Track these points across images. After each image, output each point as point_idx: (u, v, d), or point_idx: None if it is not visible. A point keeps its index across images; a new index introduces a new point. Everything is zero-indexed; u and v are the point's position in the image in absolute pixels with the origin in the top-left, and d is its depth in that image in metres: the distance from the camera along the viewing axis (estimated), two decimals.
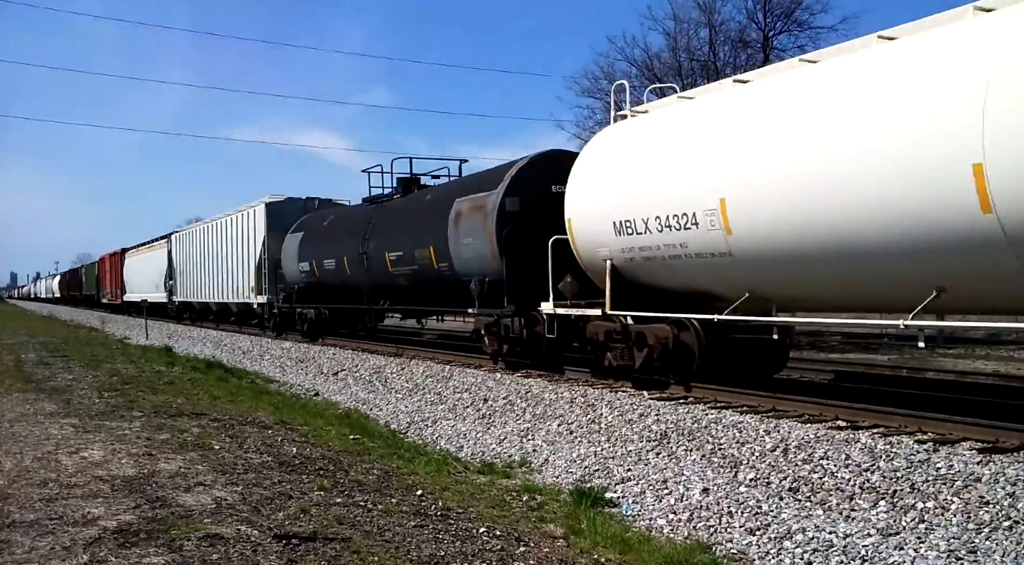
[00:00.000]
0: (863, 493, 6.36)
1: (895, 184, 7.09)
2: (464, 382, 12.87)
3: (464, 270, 14.05)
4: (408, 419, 11.66)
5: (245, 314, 28.22)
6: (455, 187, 15.90)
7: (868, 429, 7.80)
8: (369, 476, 7.17)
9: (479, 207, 13.50)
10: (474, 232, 13.56)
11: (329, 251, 19.98)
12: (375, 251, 17.35)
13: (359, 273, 18.34)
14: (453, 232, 14.14)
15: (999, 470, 6.18)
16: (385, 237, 17.09)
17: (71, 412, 9.83)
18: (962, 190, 6.55)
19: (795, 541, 5.82)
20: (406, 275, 16.25)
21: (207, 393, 12.47)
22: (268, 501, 5.95)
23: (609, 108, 12.89)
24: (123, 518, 5.33)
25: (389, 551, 5.01)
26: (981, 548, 5.31)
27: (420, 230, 15.52)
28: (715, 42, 27.58)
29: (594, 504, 6.84)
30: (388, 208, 18.06)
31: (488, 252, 13.19)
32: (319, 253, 20.64)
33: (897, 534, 5.70)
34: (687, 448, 8.11)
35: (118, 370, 15.36)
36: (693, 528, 6.39)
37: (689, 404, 9.67)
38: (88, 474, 6.55)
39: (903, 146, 7.05)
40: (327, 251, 20.12)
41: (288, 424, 9.77)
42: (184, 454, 7.43)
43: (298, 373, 17.57)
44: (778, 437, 7.68)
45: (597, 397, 10.30)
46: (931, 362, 15.69)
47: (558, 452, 8.90)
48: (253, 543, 4.93)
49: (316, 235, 21.38)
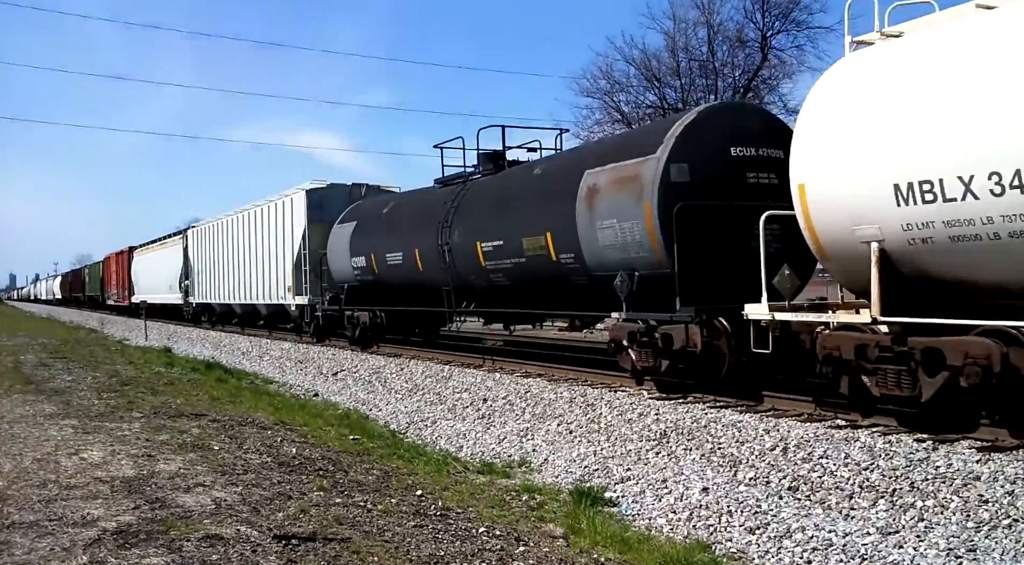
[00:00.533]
0: (862, 492, 6.37)
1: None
2: (463, 382, 12.88)
3: (601, 262, 10.84)
4: (407, 419, 11.67)
5: (277, 317, 25.22)
6: (581, 156, 12.54)
7: (867, 428, 7.80)
8: (369, 476, 7.18)
9: (628, 178, 10.28)
10: (620, 211, 10.33)
11: (393, 243, 16.73)
12: (461, 242, 14.11)
13: (436, 269, 15.03)
14: (585, 214, 10.93)
15: (998, 468, 6.19)
16: (475, 224, 13.82)
17: (70, 413, 9.83)
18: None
19: (794, 540, 5.82)
20: (506, 270, 13.04)
21: (206, 394, 12.47)
22: (267, 501, 5.95)
23: (608, 108, 12.62)
24: (123, 519, 5.33)
25: (389, 551, 5.01)
26: (980, 546, 5.31)
27: (529, 213, 12.37)
28: (713, 42, 27.60)
29: (594, 503, 6.84)
30: (477, 189, 14.66)
31: (643, 237, 10.02)
32: (379, 246, 17.28)
33: (896, 533, 5.70)
34: (687, 447, 8.11)
35: (117, 371, 15.35)
36: (693, 527, 6.40)
37: (688, 404, 9.68)
38: (87, 475, 6.55)
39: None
40: (390, 243, 16.82)
41: (287, 425, 9.77)
42: (183, 455, 7.43)
43: (297, 374, 17.57)
44: (777, 436, 7.69)
45: (596, 397, 10.31)
46: None
47: (558, 452, 8.91)
48: (253, 543, 4.93)
49: (374, 225, 18.00)
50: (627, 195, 10.30)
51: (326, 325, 20.83)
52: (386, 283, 17.49)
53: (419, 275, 15.84)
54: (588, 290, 11.48)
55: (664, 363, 10.17)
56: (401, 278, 16.72)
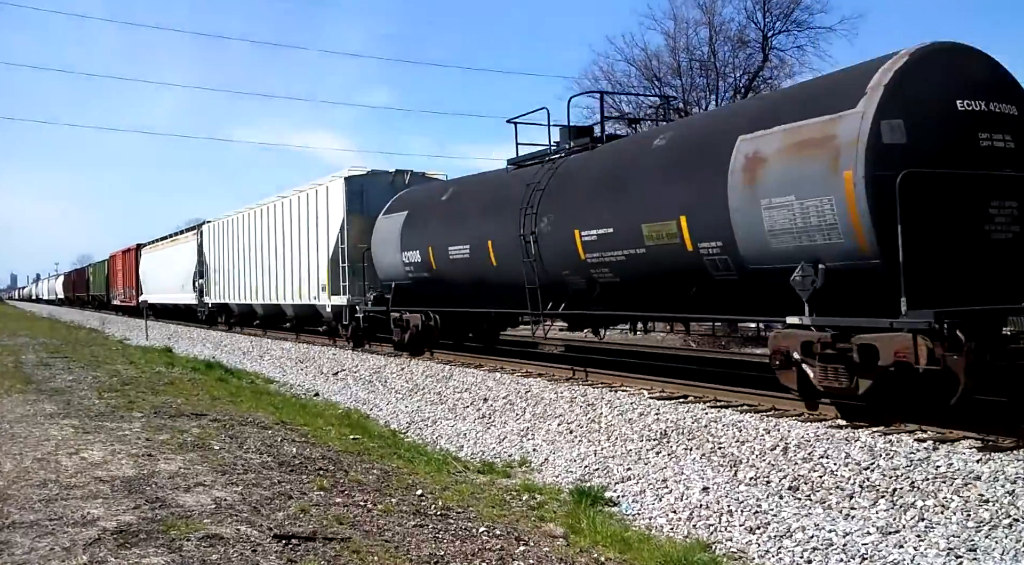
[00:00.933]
0: (863, 491, 6.36)
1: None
2: (464, 382, 12.88)
3: (764, 252, 8.51)
4: (408, 419, 11.67)
5: (306, 319, 22.93)
6: (727, 119, 9.94)
7: (868, 427, 7.80)
8: (369, 476, 7.17)
9: (814, 142, 8.00)
10: (800, 185, 8.07)
11: (458, 235, 14.33)
12: (552, 231, 11.81)
13: (516, 263, 12.57)
14: (741, 190, 8.58)
15: (998, 468, 6.18)
16: (571, 210, 11.47)
17: (71, 413, 9.83)
18: None
19: (795, 540, 5.82)
20: (615, 264, 10.66)
21: (207, 393, 12.47)
22: (268, 501, 5.95)
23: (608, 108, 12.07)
24: (123, 519, 5.33)
25: (389, 551, 5.01)
26: (981, 546, 5.31)
27: (652, 194, 10.02)
28: (714, 42, 27.55)
29: (594, 503, 6.84)
30: (571, 168, 12.22)
31: (839, 217, 7.68)
32: (438, 239, 14.90)
33: (897, 532, 5.70)
34: (687, 447, 8.11)
35: (118, 371, 15.36)
36: (693, 527, 6.40)
37: (689, 403, 9.67)
38: (88, 475, 6.55)
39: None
40: (453, 235, 14.45)
41: (288, 424, 9.77)
42: (184, 454, 7.43)
43: (298, 373, 17.57)
44: (778, 436, 7.68)
45: (597, 396, 10.30)
46: None
47: (558, 451, 8.91)
48: (253, 543, 4.93)
49: (431, 215, 15.62)
50: (812, 164, 7.99)
51: (368, 328, 18.64)
52: (446, 281, 15.03)
53: (492, 271, 13.49)
54: (735, 288, 9.15)
55: (863, 383, 7.76)
56: (467, 275, 14.27)
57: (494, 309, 14.60)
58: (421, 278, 15.79)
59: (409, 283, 16.30)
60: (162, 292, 37.73)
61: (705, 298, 9.79)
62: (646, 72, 28.31)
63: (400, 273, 16.41)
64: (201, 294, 32.08)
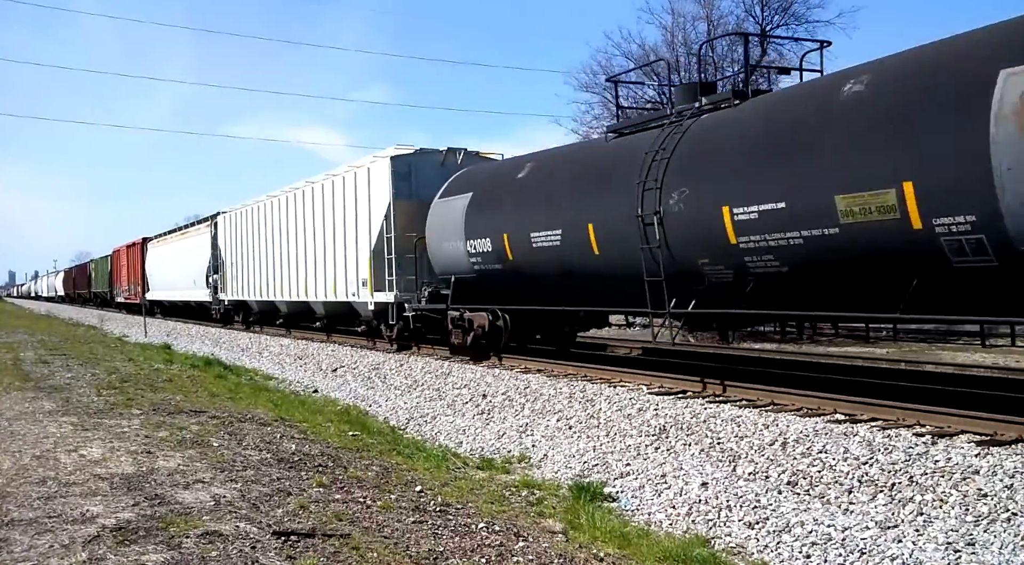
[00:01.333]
0: (862, 486, 6.37)
1: None
2: (463, 378, 12.88)
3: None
4: (407, 415, 11.67)
5: (340, 318, 20.61)
6: (972, 47, 7.31)
7: (866, 422, 7.81)
8: (368, 472, 7.18)
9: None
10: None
11: (544, 218, 11.97)
12: (686, 209, 9.46)
13: (626, 251, 10.28)
14: (1019, 142, 6.44)
15: (997, 462, 6.19)
16: (716, 182, 9.20)
17: (70, 410, 9.83)
18: None
19: (794, 534, 5.83)
20: (784, 250, 8.43)
21: (206, 390, 12.47)
22: (267, 498, 5.95)
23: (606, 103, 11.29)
24: (122, 516, 5.33)
25: (388, 547, 5.01)
26: (979, 540, 5.32)
27: (852, 155, 7.71)
28: (713, 36, 27.54)
29: (593, 499, 6.85)
30: (710, 129, 9.78)
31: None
32: (517, 223, 12.62)
33: (896, 527, 5.71)
34: (686, 442, 8.12)
35: (117, 368, 15.35)
36: (692, 522, 6.41)
37: (688, 399, 9.68)
38: (87, 472, 6.55)
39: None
40: (538, 218, 12.11)
41: (287, 421, 9.77)
42: (183, 451, 7.43)
43: (297, 370, 17.57)
44: (777, 431, 7.69)
45: (596, 392, 10.31)
46: (929, 354, 15.71)
47: (557, 447, 8.91)
48: (252, 540, 4.93)
49: (504, 195, 13.38)
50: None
51: (415, 328, 16.44)
52: (525, 273, 12.72)
53: (591, 261, 11.10)
54: (991, 277, 6.93)
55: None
56: (555, 266, 11.89)
57: (590, 307, 12.29)
58: (491, 271, 13.53)
59: (473, 277, 14.07)
60: (171, 289, 35.65)
61: (930, 293, 7.53)
62: (644, 67, 28.30)
63: (463, 265, 14.09)
64: (216, 290, 29.80)
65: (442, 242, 14.63)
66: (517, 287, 13.24)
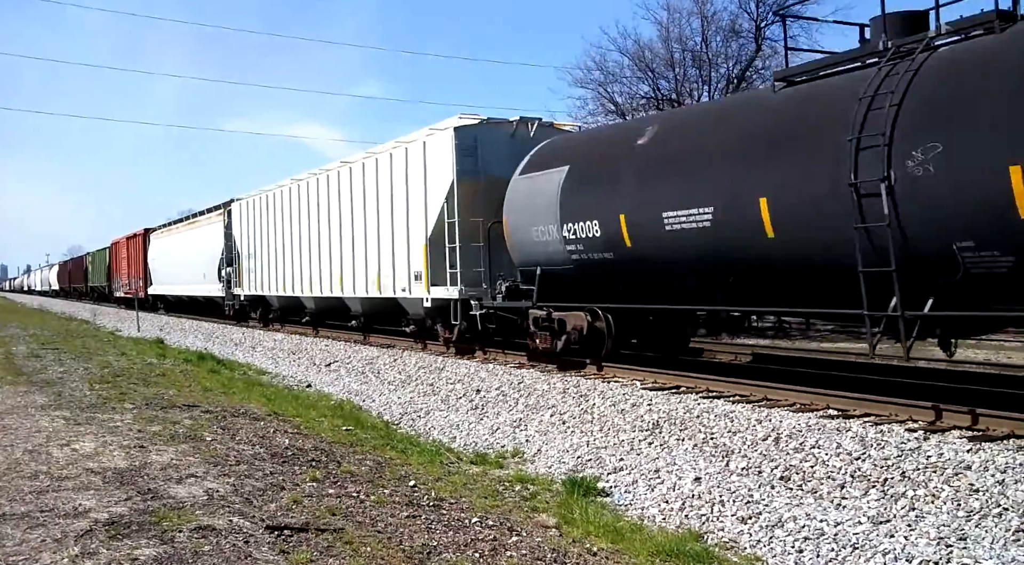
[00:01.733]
0: (854, 481, 6.39)
1: None
2: (457, 373, 12.87)
3: None
4: (401, 410, 11.67)
5: (381, 316, 18.10)
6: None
7: (859, 418, 7.83)
8: (362, 467, 7.17)
9: None
10: None
11: (684, 193, 9.57)
12: (936, 172, 6.99)
13: (820, 231, 8.04)
14: None
15: (989, 458, 6.21)
16: (990, 132, 6.71)
17: (62, 404, 9.80)
18: None
19: (786, 529, 5.85)
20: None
21: (199, 385, 12.45)
22: (260, 492, 5.94)
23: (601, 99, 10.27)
24: (114, 510, 5.31)
25: (382, 541, 5.01)
26: (971, 535, 5.34)
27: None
28: (707, 32, 27.54)
29: (586, 494, 6.86)
30: (966, 62, 7.27)
31: None
32: (642, 200, 10.16)
33: (888, 522, 5.73)
34: (679, 438, 8.13)
35: (109, 362, 15.31)
36: (685, 517, 6.42)
37: (681, 393, 9.69)
38: (79, 466, 6.53)
39: None
40: (674, 194, 9.71)
41: (280, 415, 9.76)
42: (176, 446, 7.42)
43: (290, 364, 17.55)
44: (770, 426, 7.71)
45: (590, 387, 10.32)
46: (922, 350, 15.73)
47: (551, 442, 8.92)
48: (245, 534, 4.92)
49: (621, 166, 10.77)
50: None
51: (484, 330, 13.94)
52: (653, 263, 10.24)
53: (761, 246, 8.60)
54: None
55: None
56: (700, 253, 9.42)
57: (749, 307, 10.07)
58: (595, 262, 11.14)
59: (568, 269, 11.69)
60: (178, 283, 32.86)
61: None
62: (639, 63, 28.30)
63: (556, 255, 11.77)
64: (229, 285, 26.85)
65: (526, 227, 12.30)
66: (632, 281, 10.83)
